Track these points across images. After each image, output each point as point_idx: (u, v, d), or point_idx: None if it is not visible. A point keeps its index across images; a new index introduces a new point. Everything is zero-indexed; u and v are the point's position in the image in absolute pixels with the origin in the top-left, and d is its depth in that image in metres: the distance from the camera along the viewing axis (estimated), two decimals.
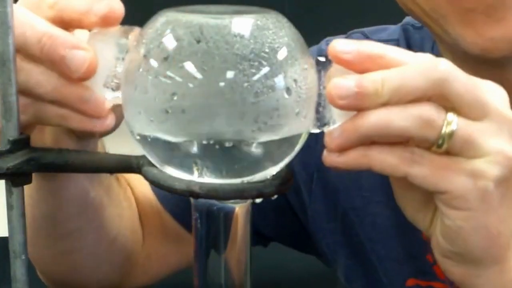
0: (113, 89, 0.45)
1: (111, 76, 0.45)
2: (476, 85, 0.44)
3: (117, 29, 0.46)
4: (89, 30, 0.46)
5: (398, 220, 0.70)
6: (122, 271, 0.74)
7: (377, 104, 0.42)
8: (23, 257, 0.46)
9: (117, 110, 0.45)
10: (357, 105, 0.42)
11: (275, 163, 0.43)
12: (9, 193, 0.45)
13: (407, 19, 0.75)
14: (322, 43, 0.81)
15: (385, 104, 0.42)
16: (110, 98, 0.45)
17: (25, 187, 0.46)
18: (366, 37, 0.79)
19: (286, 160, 0.43)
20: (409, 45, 0.75)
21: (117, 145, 0.66)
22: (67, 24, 0.46)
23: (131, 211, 0.73)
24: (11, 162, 0.45)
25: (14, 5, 0.44)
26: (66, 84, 0.45)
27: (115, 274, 0.73)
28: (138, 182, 0.76)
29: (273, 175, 0.43)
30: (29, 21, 0.45)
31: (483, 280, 0.47)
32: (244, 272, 0.45)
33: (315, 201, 0.76)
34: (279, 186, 0.43)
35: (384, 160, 0.43)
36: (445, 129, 0.43)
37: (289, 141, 0.42)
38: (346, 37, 0.81)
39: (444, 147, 0.43)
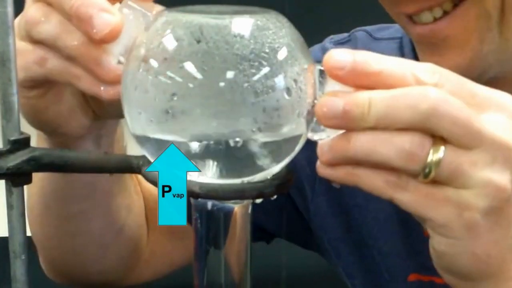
0: None
1: (129, 46, 0.45)
2: (471, 114, 0.42)
3: (147, 2, 0.46)
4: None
5: (400, 216, 0.71)
6: (126, 264, 0.74)
7: (363, 127, 0.42)
8: (23, 257, 0.46)
9: None
10: (344, 126, 0.42)
11: (275, 163, 0.43)
12: (9, 193, 0.45)
13: None
14: (326, 41, 0.81)
15: (373, 128, 0.42)
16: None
17: None
18: (369, 35, 0.79)
19: (286, 160, 0.43)
20: (412, 43, 0.74)
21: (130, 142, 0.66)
22: None
23: (139, 205, 0.74)
24: (11, 162, 0.45)
25: None
26: (86, 43, 0.46)
27: (119, 266, 0.74)
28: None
29: (273, 175, 0.43)
30: None
31: None
32: (244, 272, 0.45)
33: (318, 197, 0.76)
34: (279, 186, 0.43)
35: (371, 182, 0.43)
36: (432, 158, 0.41)
37: (289, 141, 0.42)
38: (349, 36, 0.81)
39: (431, 176, 0.42)
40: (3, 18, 0.43)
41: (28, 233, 0.47)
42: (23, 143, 0.45)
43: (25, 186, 0.46)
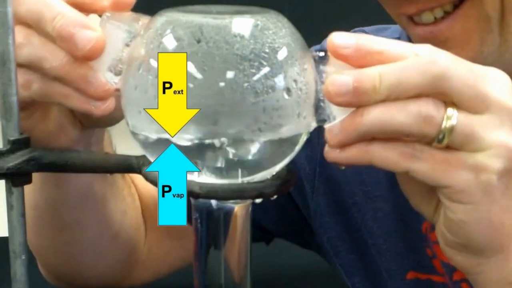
0: (116, 74, 0.45)
1: (117, 61, 0.45)
2: (477, 77, 0.44)
3: (128, 15, 0.46)
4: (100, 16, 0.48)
5: (399, 214, 0.71)
6: (124, 268, 0.74)
7: (375, 101, 0.42)
8: (23, 257, 0.46)
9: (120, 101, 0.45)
10: (355, 102, 0.42)
11: (275, 163, 0.43)
12: (9, 193, 0.45)
13: None
14: (324, 43, 0.81)
15: (384, 100, 0.42)
16: (113, 82, 0.46)
17: None
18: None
19: (286, 160, 0.43)
20: (410, 42, 0.75)
21: (118, 145, 0.66)
22: (79, 7, 0.47)
23: (135, 208, 0.74)
24: (11, 162, 0.45)
25: None
26: (71, 61, 0.46)
27: (116, 270, 0.73)
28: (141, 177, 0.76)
29: (273, 175, 0.43)
30: (47, 0, 0.47)
31: (487, 268, 0.47)
32: (244, 272, 0.45)
33: (317, 196, 0.76)
34: (279, 186, 0.43)
35: (385, 156, 0.43)
36: (445, 124, 0.43)
37: (289, 141, 0.42)
38: None
39: (445, 142, 0.43)
40: (3, 18, 0.43)
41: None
42: (23, 143, 0.45)
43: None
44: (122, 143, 0.63)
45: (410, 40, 0.75)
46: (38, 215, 0.64)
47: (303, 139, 0.43)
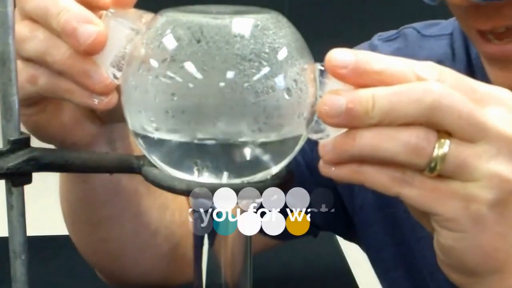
0: (118, 70, 0.46)
1: (119, 57, 0.46)
2: (475, 104, 0.42)
3: (131, 11, 0.47)
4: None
5: None
6: (170, 264, 0.73)
7: (367, 124, 0.42)
8: (23, 257, 0.46)
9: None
10: (348, 124, 0.42)
11: (275, 163, 0.43)
12: (9, 193, 0.45)
13: None
14: (374, 39, 0.81)
15: (377, 124, 0.42)
16: (116, 78, 0.46)
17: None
18: (418, 32, 0.79)
19: (286, 160, 0.43)
20: (465, 38, 0.74)
21: None
22: (84, 4, 0.48)
23: (177, 202, 0.73)
24: (11, 162, 0.45)
25: None
26: (74, 56, 0.47)
27: (162, 266, 0.73)
28: None
29: (273, 175, 0.43)
30: None
31: (483, 286, 0.46)
32: (244, 272, 0.45)
33: (364, 191, 0.76)
34: (279, 186, 0.43)
35: (376, 179, 0.43)
36: (437, 152, 0.42)
37: (289, 141, 0.42)
38: (398, 32, 0.81)
39: (437, 170, 0.42)
40: (3, 18, 0.43)
41: (28, 233, 0.47)
42: (23, 143, 0.45)
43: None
44: None
45: (464, 35, 0.74)
46: (73, 211, 0.66)
47: (304, 139, 0.43)
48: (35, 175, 0.46)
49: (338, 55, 0.42)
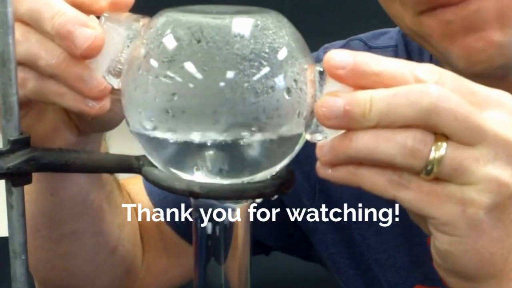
0: (114, 75, 0.45)
1: (115, 62, 0.45)
2: (473, 107, 0.42)
3: (127, 16, 0.46)
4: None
5: (403, 227, 0.70)
6: (122, 284, 0.73)
7: (365, 127, 0.41)
8: (23, 257, 0.46)
9: (118, 106, 0.45)
10: (345, 126, 0.42)
11: (275, 163, 0.43)
12: (9, 193, 0.45)
13: None
14: (320, 51, 0.80)
15: (374, 127, 0.41)
16: (110, 83, 0.46)
17: None
18: (365, 44, 0.78)
19: (286, 160, 0.43)
20: (408, 52, 0.74)
21: (117, 145, 0.66)
22: (78, 8, 0.47)
23: (133, 223, 0.73)
24: (11, 162, 0.45)
25: None
26: (68, 59, 0.46)
27: (114, 287, 0.72)
28: (135, 193, 0.76)
29: (273, 175, 0.43)
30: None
31: None
32: (244, 272, 0.46)
33: (317, 212, 0.75)
34: (279, 186, 0.43)
35: (373, 181, 0.43)
36: (434, 155, 0.41)
37: (289, 141, 0.42)
38: (344, 45, 0.80)
39: (433, 173, 0.42)
40: (3, 18, 0.43)
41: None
42: (23, 143, 0.45)
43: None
44: (122, 143, 0.63)
45: (408, 49, 0.74)
46: (33, 226, 0.63)
47: (303, 139, 0.43)
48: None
49: (337, 56, 0.41)
